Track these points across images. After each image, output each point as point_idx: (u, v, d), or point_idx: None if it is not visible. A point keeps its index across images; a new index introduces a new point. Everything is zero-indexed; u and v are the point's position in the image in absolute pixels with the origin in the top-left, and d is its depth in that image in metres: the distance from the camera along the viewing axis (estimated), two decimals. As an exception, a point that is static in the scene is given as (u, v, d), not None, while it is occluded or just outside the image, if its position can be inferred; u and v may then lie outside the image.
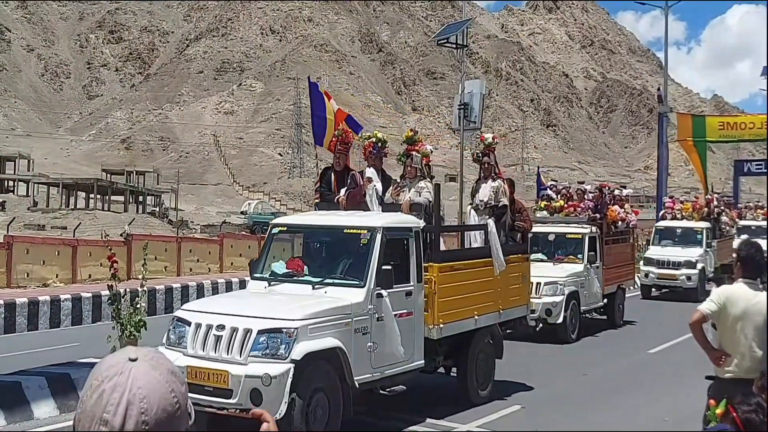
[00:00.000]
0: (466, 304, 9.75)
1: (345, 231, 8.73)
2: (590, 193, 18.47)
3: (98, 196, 75.61)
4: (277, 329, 7.36)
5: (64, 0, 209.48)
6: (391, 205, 9.61)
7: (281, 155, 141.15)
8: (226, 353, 7.42)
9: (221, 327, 7.53)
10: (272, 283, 8.67)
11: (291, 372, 7.16)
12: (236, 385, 7.23)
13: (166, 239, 28.33)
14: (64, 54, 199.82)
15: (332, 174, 10.07)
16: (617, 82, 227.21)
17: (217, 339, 7.51)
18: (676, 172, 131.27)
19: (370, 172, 9.75)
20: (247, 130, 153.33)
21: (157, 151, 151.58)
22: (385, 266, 8.26)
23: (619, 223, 18.22)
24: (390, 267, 8.27)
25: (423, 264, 9.05)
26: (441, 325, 9.22)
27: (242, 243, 29.27)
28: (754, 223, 28.49)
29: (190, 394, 1.54)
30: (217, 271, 25.88)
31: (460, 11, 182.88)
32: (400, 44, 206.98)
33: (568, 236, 16.97)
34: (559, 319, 15.18)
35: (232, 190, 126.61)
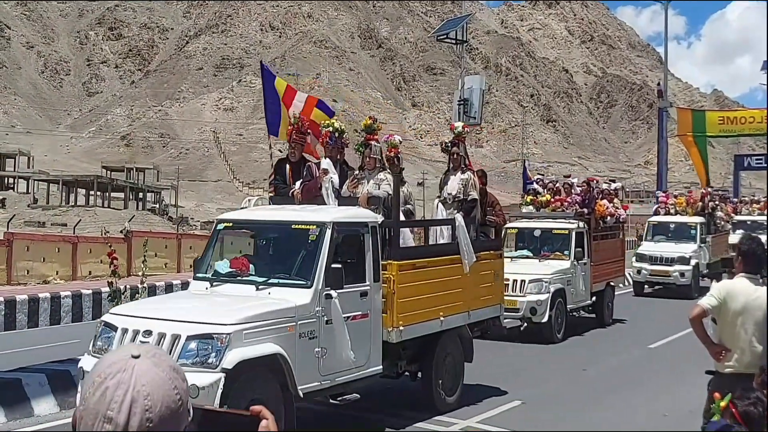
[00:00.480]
0: (431, 304, 9.06)
1: (293, 227, 8.04)
2: (578, 186, 17.82)
3: (98, 193, 75.64)
4: (207, 335, 6.66)
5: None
6: (348, 199, 8.92)
7: (281, 151, 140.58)
8: None
9: (148, 333, 6.84)
10: (215, 283, 7.99)
11: (222, 382, 6.48)
12: None
13: (166, 236, 28.63)
14: (64, 51, 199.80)
15: (288, 166, 9.40)
16: (617, 77, 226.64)
17: None
18: (677, 167, 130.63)
19: (326, 163, 9.04)
20: (247, 126, 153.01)
21: (156, 148, 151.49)
22: (335, 265, 7.58)
23: (607, 218, 17.58)
24: (340, 265, 7.58)
25: (381, 262, 8.38)
26: (401, 328, 8.51)
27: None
28: (749, 218, 27.79)
29: None
30: (217, 268, 26.02)
31: (459, 7, 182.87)
32: (400, 40, 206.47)
33: (555, 232, 16.40)
34: (545, 318, 14.62)
35: (232, 186, 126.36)
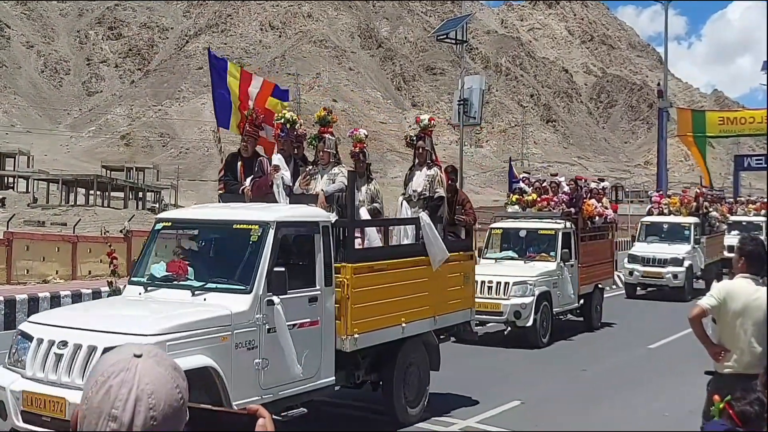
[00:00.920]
0: (391, 309, 8.40)
1: (234, 226, 7.38)
2: (565, 185, 17.19)
3: (98, 192, 75.24)
4: None
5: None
6: (300, 196, 8.26)
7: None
8: (66, 376, 6.05)
9: (64, 344, 6.18)
10: (149, 288, 7.33)
11: None
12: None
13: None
14: (64, 50, 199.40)
15: (239, 161, 8.74)
16: (617, 77, 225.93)
17: (58, 358, 6.14)
18: (676, 168, 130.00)
19: (277, 159, 8.37)
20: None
21: (156, 148, 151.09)
22: (278, 268, 6.93)
23: (596, 218, 16.94)
24: (284, 269, 6.93)
25: (334, 264, 7.73)
26: (356, 335, 7.86)
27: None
28: (745, 218, 27.06)
29: (26, 425, 1.27)
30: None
31: (459, 7, 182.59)
32: (400, 40, 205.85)
33: (541, 232, 15.79)
34: (529, 322, 14.05)
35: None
